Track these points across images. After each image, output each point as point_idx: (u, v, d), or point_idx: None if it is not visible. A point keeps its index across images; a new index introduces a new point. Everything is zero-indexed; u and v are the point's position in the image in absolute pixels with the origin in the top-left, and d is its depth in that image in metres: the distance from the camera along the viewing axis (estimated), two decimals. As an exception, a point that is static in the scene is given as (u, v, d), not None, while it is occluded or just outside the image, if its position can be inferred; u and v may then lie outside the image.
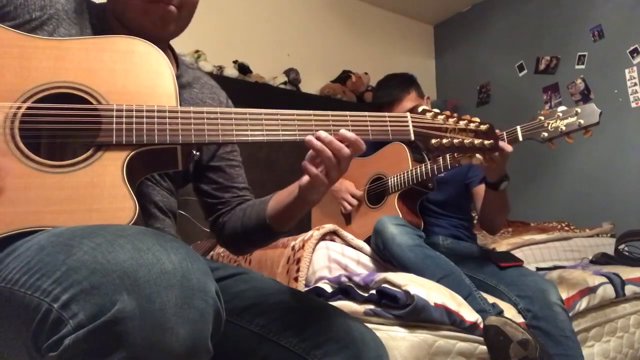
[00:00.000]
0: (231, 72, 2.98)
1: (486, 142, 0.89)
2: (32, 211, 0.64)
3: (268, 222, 0.92)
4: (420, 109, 0.86)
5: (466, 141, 0.87)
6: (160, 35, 0.86)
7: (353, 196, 1.84)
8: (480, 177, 1.70)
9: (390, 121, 0.82)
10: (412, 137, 0.83)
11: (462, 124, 0.88)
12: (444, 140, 0.85)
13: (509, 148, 1.35)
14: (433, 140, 0.84)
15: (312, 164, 0.79)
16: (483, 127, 0.90)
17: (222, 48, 3.03)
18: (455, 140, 0.86)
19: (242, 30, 3.22)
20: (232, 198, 1.02)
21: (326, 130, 0.77)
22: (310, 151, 0.78)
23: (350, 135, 0.77)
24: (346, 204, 1.85)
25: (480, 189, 1.67)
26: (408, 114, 0.84)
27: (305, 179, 0.82)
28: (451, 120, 0.87)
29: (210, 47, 2.92)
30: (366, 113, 0.81)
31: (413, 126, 0.84)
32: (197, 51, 2.86)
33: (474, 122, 0.90)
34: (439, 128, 0.86)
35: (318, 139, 0.76)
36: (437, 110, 0.87)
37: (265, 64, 3.18)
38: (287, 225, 0.93)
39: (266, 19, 3.36)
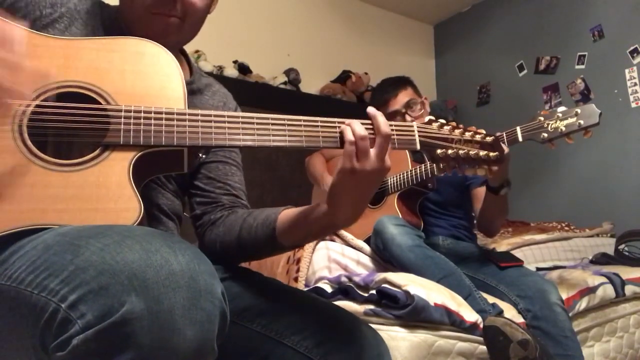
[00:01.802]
0: (231, 72, 2.98)
1: (491, 154, 0.89)
2: (37, 209, 0.64)
3: (276, 229, 0.84)
4: (426, 119, 0.87)
5: (471, 152, 0.87)
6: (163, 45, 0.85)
7: None
8: (481, 180, 1.70)
9: (396, 130, 0.81)
10: (418, 146, 0.83)
11: (467, 135, 0.88)
12: (450, 151, 0.85)
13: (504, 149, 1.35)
14: (439, 151, 0.85)
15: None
16: (489, 139, 0.90)
17: (222, 48, 3.03)
18: (461, 152, 0.86)
19: (242, 30, 3.21)
20: (224, 195, 0.96)
21: (331, 137, 0.77)
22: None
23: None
24: None
25: (480, 192, 1.68)
26: (415, 123, 0.84)
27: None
28: (457, 131, 0.88)
29: (210, 47, 2.92)
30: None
31: (419, 136, 0.83)
32: (197, 51, 2.86)
33: (479, 133, 0.90)
34: (445, 139, 0.86)
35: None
36: (443, 121, 0.87)
37: (265, 64, 3.18)
38: (295, 237, 0.85)
39: (266, 19, 3.36)
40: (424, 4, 3.97)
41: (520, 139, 1.35)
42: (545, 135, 1.29)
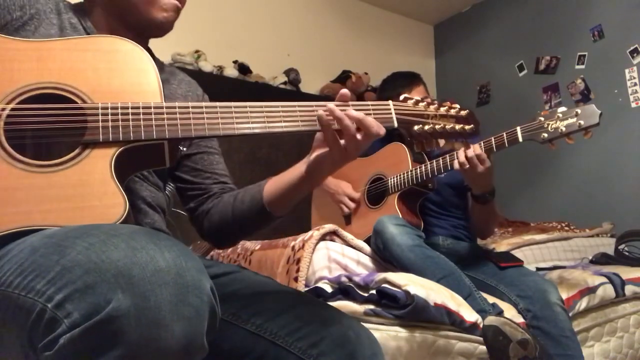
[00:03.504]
0: (231, 72, 2.98)
1: (467, 127, 0.92)
2: (22, 211, 0.64)
3: (266, 205, 0.90)
4: (401, 97, 0.88)
5: (447, 127, 0.89)
6: (162, 32, 0.91)
7: (351, 199, 1.84)
8: None
9: (373, 109, 0.82)
10: (396, 124, 0.84)
11: (442, 110, 0.90)
12: (426, 127, 0.87)
13: (486, 162, 1.37)
14: (415, 127, 0.86)
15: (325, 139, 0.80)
16: (463, 112, 0.92)
17: (222, 48, 3.03)
18: (437, 126, 0.88)
19: (242, 30, 3.22)
20: (213, 184, 1.00)
21: (310, 120, 0.78)
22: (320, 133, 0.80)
23: (357, 114, 0.79)
24: (344, 207, 1.85)
25: None
26: (390, 101, 0.86)
27: (315, 155, 0.83)
28: (432, 107, 0.89)
29: (210, 47, 2.92)
30: (349, 102, 0.81)
31: (396, 113, 0.85)
32: (197, 51, 2.86)
33: (454, 107, 0.92)
34: (421, 115, 0.88)
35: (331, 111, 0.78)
36: (418, 98, 0.89)
37: (265, 64, 3.18)
38: (286, 207, 0.91)
39: (266, 19, 3.36)
40: (424, 4, 3.97)
41: (520, 139, 1.35)
42: (546, 135, 1.29)
